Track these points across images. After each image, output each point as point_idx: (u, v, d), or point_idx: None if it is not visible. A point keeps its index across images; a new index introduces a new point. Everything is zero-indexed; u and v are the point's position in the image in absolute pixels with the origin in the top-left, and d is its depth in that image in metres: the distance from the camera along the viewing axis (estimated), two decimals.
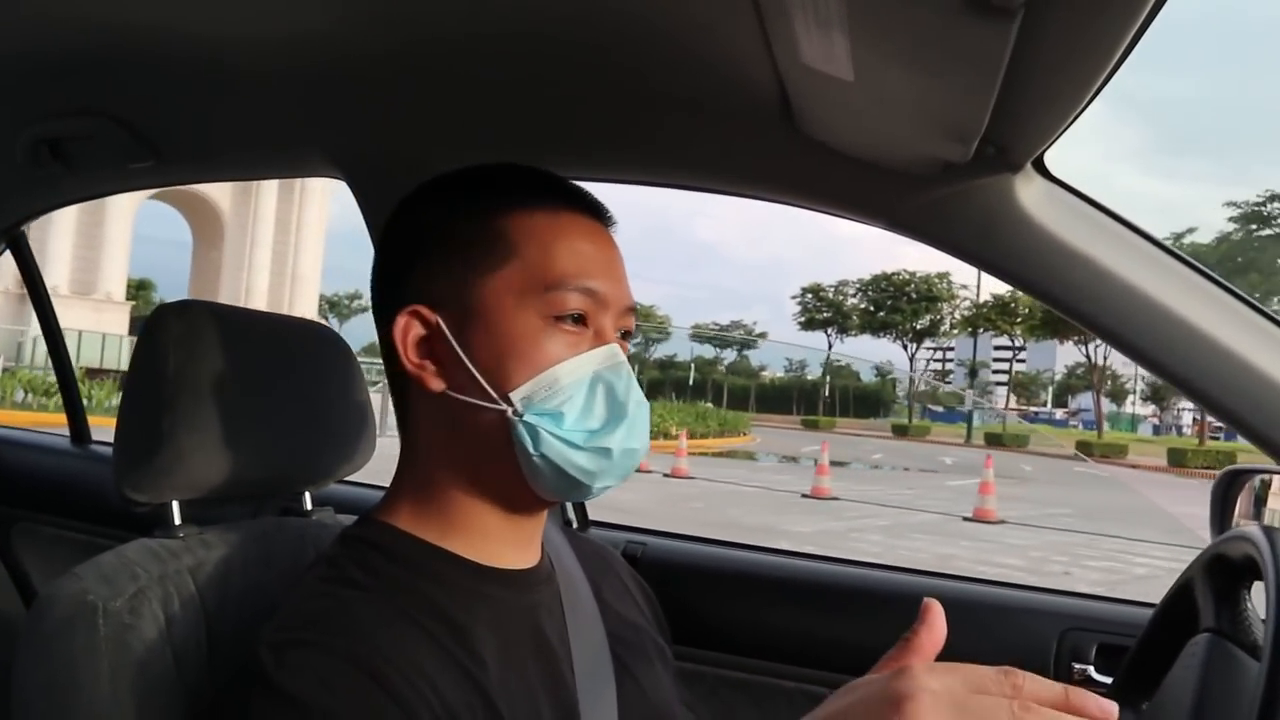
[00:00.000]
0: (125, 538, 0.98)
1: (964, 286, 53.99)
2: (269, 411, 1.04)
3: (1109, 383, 61.92)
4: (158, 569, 0.91)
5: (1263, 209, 38.97)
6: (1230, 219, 40.19)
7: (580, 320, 0.85)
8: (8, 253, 1.92)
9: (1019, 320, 46.27)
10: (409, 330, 0.86)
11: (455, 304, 0.85)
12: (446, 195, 0.92)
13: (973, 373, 49.85)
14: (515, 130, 1.32)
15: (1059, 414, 69.81)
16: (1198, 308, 1.06)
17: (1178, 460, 29.07)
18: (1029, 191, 1.10)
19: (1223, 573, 0.96)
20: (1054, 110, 0.93)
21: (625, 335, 0.90)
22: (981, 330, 49.31)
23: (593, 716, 0.85)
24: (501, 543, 0.87)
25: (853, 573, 1.48)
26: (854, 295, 56.34)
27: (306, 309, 35.15)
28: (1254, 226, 39.16)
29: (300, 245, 36.01)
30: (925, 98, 0.92)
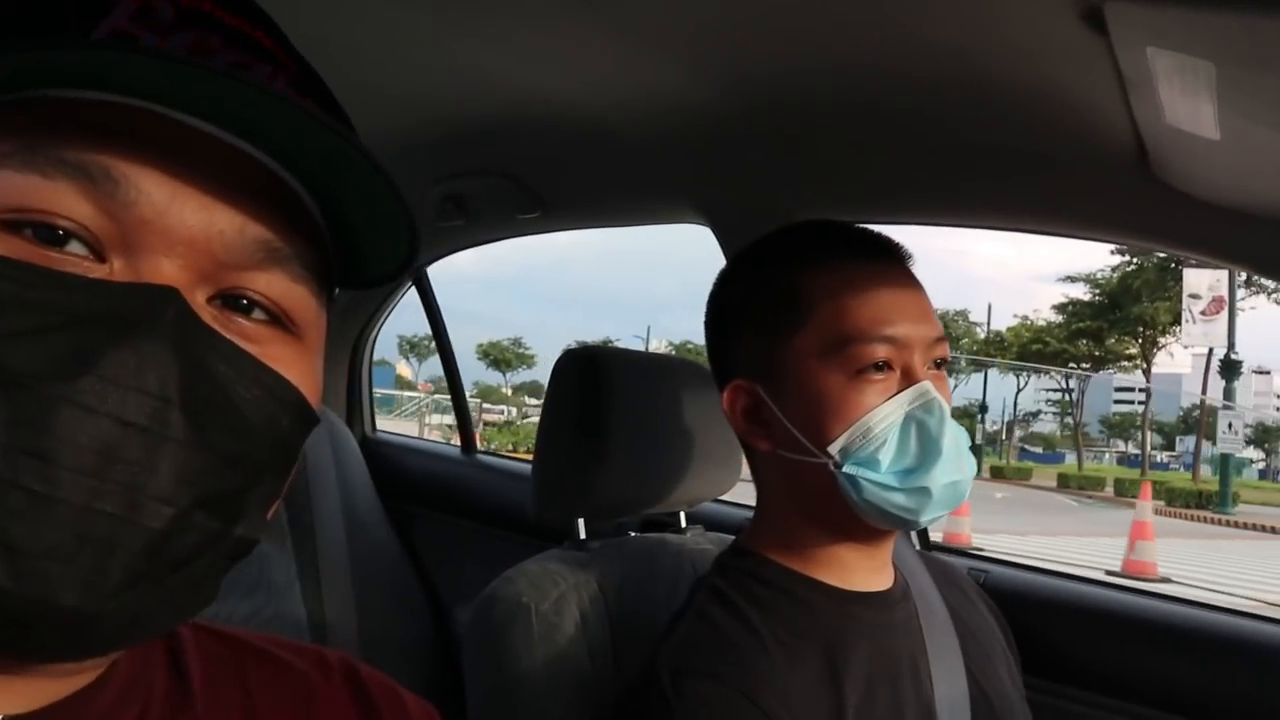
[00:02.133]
0: (505, 535, 1.33)
1: (976, 325, 52.25)
2: (656, 440, 1.20)
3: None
4: (573, 577, 1.10)
5: None
6: None
7: (887, 366, 0.90)
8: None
9: (1006, 354, 44.97)
10: (736, 402, 0.97)
11: (768, 372, 0.94)
12: (743, 270, 1.02)
13: (982, 408, 46.41)
14: (870, 178, 1.39)
15: (1160, 456, 63.58)
16: None
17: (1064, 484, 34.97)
18: None
19: None
20: None
21: (940, 364, 0.94)
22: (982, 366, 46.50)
23: None
24: (858, 570, 0.97)
25: (1229, 622, 1.35)
26: None
27: None
28: None
29: None
30: None
